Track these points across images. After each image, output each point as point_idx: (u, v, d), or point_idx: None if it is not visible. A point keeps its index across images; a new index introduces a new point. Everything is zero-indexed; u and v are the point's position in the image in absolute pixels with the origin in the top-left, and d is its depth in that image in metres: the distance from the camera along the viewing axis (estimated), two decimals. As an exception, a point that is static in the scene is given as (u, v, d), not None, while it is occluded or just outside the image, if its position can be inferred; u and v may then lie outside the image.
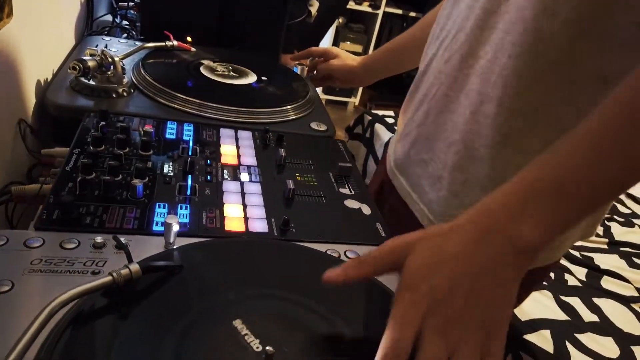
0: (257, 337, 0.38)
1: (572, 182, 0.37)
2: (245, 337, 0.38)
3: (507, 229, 0.37)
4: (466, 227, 0.39)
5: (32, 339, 0.33)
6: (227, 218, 0.55)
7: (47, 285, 0.41)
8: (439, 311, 0.35)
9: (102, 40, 0.95)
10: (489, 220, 0.38)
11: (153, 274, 0.43)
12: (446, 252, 0.37)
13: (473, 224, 0.39)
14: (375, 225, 0.60)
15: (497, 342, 0.36)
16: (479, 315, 0.36)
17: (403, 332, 0.35)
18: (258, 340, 0.38)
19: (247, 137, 0.73)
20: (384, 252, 0.39)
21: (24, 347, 0.32)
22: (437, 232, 0.39)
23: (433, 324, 0.35)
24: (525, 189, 0.39)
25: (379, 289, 0.48)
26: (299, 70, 1.02)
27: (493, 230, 0.38)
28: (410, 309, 0.35)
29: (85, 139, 0.62)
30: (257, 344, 0.38)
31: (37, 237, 0.46)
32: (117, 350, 0.36)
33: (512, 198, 0.39)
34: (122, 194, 0.54)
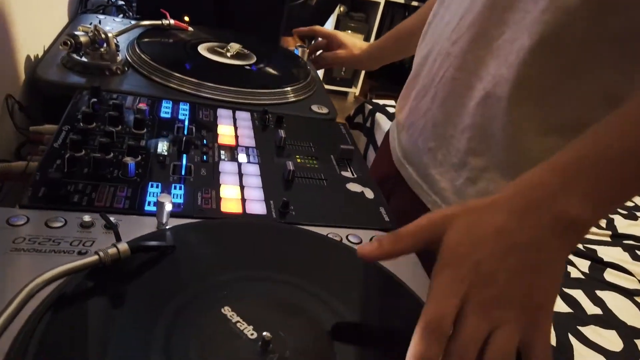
0: (251, 323, 0.36)
1: (622, 154, 0.35)
2: (239, 322, 0.36)
3: (554, 203, 0.35)
4: (509, 200, 0.36)
5: (8, 320, 0.30)
6: (224, 199, 0.52)
7: (31, 265, 0.39)
8: (482, 289, 0.33)
9: (97, 18, 0.92)
10: (535, 194, 0.36)
11: (143, 255, 0.40)
12: (488, 226, 0.35)
13: (517, 197, 0.36)
14: (378, 209, 0.57)
15: (543, 325, 0.33)
16: (524, 294, 0.33)
17: (445, 307, 0.32)
18: (252, 326, 0.35)
19: (245, 117, 0.70)
20: (421, 226, 0.37)
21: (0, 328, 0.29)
22: (478, 205, 0.36)
23: (475, 302, 0.32)
24: (572, 163, 0.36)
25: (380, 272, 0.45)
26: (299, 53, 0.99)
27: (539, 203, 0.35)
28: (452, 285, 0.33)
29: (76, 116, 0.59)
30: (251, 330, 0.35)
31: (21, 215, 0.43)
32: (101, 335, 0.33)
33: (558, 172, 0.36)
34: (113, 173, 0.51)
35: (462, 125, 0.58)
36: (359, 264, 0.46)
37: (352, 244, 0.50)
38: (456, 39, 0.58)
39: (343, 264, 0.46)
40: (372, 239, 0.51)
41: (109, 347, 0.32)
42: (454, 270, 0.33)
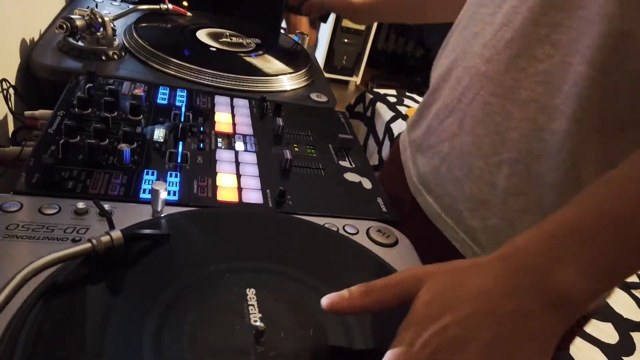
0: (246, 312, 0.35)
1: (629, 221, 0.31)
2: (234, 311, 0.35)
3: (543, 274, 0.31)
4: (493, 265, 0.33)
5: (0, 308, 0.30)
6: (220, 188, 0.51)
7: (23, 251, 0.38)
8: (448, 357, 0.29)
9: (94, 1, 0.90)
10: (523, 261, 0.32)
11: (138, 243, 0.40)
12: (466, 290, 0.31)
13: (502, 262, 0.33)
14: (376, 200, 0.56)
15: None
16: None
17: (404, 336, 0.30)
18: (249, 314, 0.35)
19: (243, 105, 0.70)
20: (396, 280, 0.34)
21: (-10, 317, 0.29)
22: (457, 266, 0.34)
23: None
24: (568, 228, 0.33)
25: (378, 264, 0.45)
26: (300, 40, 0.98)
27: (525, 273, 0.31)
28: (415, 346, 0.30)
29: (71, 101, 0.58)
30: (245, 319, 0.35)
31: (15, 201, 0.43)
32: (93, 323, 0.33)
33: (551, 239, 0.33)
34: (108, 159, 0.51)
35: (498, 159, 0.50)
36: (355, 254, 0.46)
37: (349, 235, 0.49)
38: (489, 56, 0.49)
39: (339, 255, 0.46)
40: (369, 229, 0.50)
41: (101, 336, 0.32)
42: (420, 329, 0.30)
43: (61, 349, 0.31)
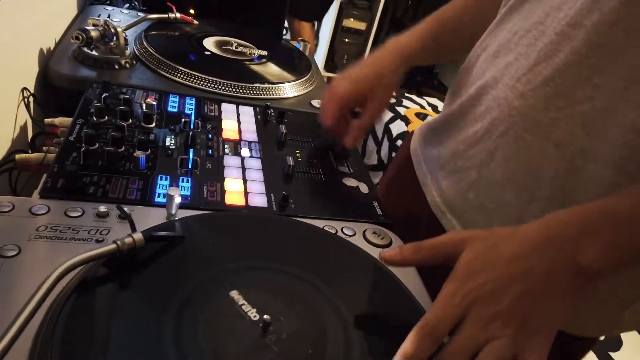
0: (254, 307, 0.40)
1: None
2: (242, 307, 0.40)
3: (573, 244, 0.37)
4: (531, 232, 0.38)
5: (39, 302, 0.34)
6: (228, 192, 0.56)
7: (53, 251, 0.43)
8: (485, 305, 0.36)
9: (105, 10, 0.95)
10: (557, 230, 0.38)
11: (155, 244, 0.44)
12: (505, 251, 0.37)
13: (539, 230, 0.38)
14: (372, 203, 0.61)
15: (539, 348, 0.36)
16: (525, 318, 0.36)
17: (444, 313, 0.36)
18: (255, 310, 0.39)
19: (248, 112, 0.74)
20: (443, 241, 0.40)
21: (32, 311, 0.33)
22: (500, 232, 0.39)
23: (475, 315, 0.36)
24: (605, 214, 0.38)
25: (371, 264, 0.49)
26: (301, 47, 1.02)
27: (558, 241, 0.37)
28: (456, 295, 0.36)
29: (88, 110, 0.63)
30: (254, 314, 0.39)
31: (43, 205, 0.47)
32: (119, 316, 0.37)
33: (588, 218, 0.38)
34: (125, 165, 0.55)
35: (530, 195, 0.49)
36: (352, 255, 0.50)
37: (346, 236, 0.53)
38: (524, 91, 0.47)
39: (337, 255, 0.50)
40: (365, 231, 0.55)
41: (126, 327, 0.36)
42: (462, 283, 0.36)
43: (91, 338, 0.35)
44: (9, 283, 0.39)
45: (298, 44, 1.03)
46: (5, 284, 0.39)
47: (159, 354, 0.35)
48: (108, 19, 0.79)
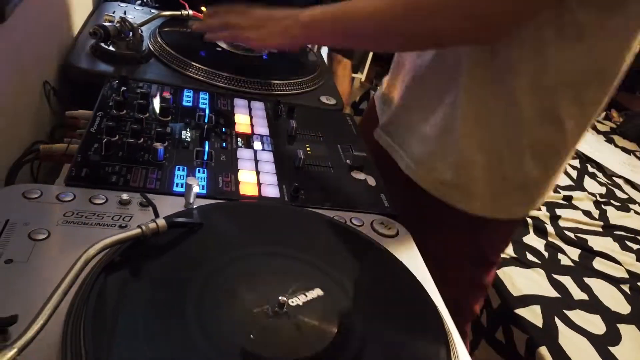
0: (268, 289, 0.42)
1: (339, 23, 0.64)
2: (259, 288, 0.42)
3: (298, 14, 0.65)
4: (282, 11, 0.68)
5: (73, 280, 0.37)
6: (242, 183, 0.58)
7: (80, 235, 0.45)
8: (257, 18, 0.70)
9: (119, 6, 0.97)
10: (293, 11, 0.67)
11: (175, 230, 0.47)
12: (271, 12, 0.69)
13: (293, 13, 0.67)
14: (379, 196, 0.63)
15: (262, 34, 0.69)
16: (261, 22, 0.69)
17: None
18: (270, 291, 0.42)
19: (259, 107, 0.76)
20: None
21: (66, 287, 0.36)
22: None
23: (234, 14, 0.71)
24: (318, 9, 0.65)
25: (379, 251, 0.52)
26: (310, 44, 1.04)
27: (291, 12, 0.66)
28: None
29: (107, 103, 0.65)
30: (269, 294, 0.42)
31: (69, 192, 0.50)
32: (144, 295, 0.40)
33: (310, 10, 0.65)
34: (144, 156, 0.58)
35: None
36: (360, 243, 0.53)
37: (355, 226, 0.56)
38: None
39: (346, 243, 0.52)
40: (372, 222, 0.57)
41: (151, 305, 0.39)
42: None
43: (119, 315, 0.38)
44: (40, 264, 0.42)
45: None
46: (37, 266, 0.41)
47: (181, 328, 0.37)
48: (124, 15, 0.81)
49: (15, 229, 0.44)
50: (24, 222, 0.45)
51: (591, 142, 2.14)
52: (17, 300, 0.38)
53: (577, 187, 1.79)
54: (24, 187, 0.49)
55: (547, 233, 1.49)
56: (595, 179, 1.89)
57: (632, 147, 2.24)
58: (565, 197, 1.69)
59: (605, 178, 1.92)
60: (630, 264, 1.43)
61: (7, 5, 0.52)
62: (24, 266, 0.41)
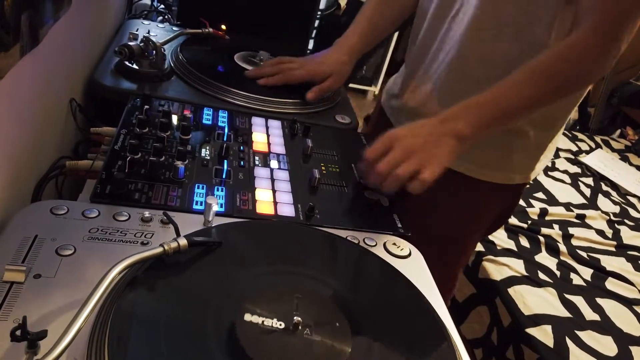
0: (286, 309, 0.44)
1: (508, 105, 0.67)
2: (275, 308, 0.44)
3: (454, 121, 0.67)
4: (430, 120, 0.68)
5: (102, 295, 0.38)
6: (258, 201, 0.60)
7: (105, 251, 0.47)
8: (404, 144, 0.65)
9: (142, 24, 1.00)
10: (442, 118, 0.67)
11: (194, 248, 0.48)
12: (416, 127, 0.68)
13: (435, 119, 0.68)
14: (392, 216, 0.64)
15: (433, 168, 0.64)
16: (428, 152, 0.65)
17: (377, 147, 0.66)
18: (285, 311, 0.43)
19: (276, 126, 0.78)
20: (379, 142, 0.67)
21: (95, 303, 0.38)
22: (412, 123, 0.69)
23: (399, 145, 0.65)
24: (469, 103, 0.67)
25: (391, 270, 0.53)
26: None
27: (444, 123, 0.67)
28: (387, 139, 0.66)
29: (131, 121, 0.68)
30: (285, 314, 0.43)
31: (94, 209, 0.52)
32: (166, 311, 0.41)
33: (460, 108, 0.67)
34: (165, 174, 0.60)
35: None
36: (374, 264, 0.54)
37: (368, 247, 0.57)
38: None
39: (360, 263, 0.54)
40: (385, 243, 0.59)
41: (172, 315, 0.40)
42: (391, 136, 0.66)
43: (142, 326, 0.39)
44: (67, 280, 0.44)
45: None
46: (63, 281, 0.43)
47: (202, 347, 0.39)
48: (148, 34, 0.84)
49: (44, 245, 0.46)
50: (52, 238, 0.47)
51: (605, 160, 2.13)
52: (46, 314, 0.40)
53: (591, 205, 1.78)
54: (52, 203, 0.52)
55: (559, 252, 1.48)
56: (609, 197, 1.87)
57: (647, 166, 2.23)
58: (578, 216, 1.68)
59: (619, 197, 1.91)
60: (643, 285, 1.42)
61: (42, 28, 0.54)
62: (52, 281, 0.43)
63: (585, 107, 2.90)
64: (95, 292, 0.38)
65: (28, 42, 0.52)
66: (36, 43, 0.53)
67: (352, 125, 0.87)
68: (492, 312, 1.29)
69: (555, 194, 1.77)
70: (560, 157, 2.07)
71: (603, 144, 2.30)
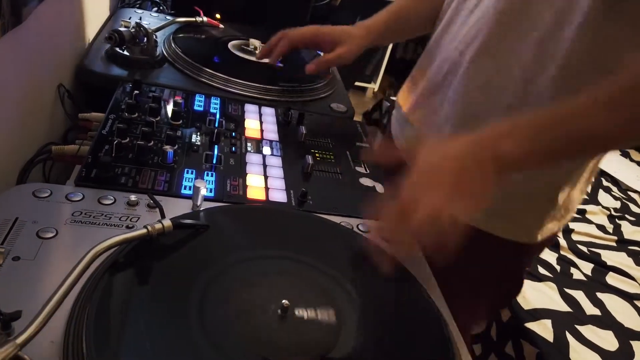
0: (273, 292, 0.42)
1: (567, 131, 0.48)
2: (261, 292, 0.42)
3: (495, 140, 0.48)
4: (464, 138, 0.49)
5: (77, 277, 0.37)
6: (249, 187, 0.58)
7: (88, 234, 0.46)
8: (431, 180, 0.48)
9: (135, 12, 0.99)
10: (482, 136, 0.49)
11: (181, 231, 0.47)
12: (447, 154, 0.49)
13: (471, 137, 0.49)
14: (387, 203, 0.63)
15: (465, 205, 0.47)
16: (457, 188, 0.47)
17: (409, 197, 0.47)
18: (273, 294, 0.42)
19: (270, 113, 0.77)
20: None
21: (70, 284, 0.36)
22: (440, 142, 0.51)
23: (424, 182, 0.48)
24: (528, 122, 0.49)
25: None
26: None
27: (483, 142, 0.49)
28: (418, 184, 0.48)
29: (120, 106, 0.66)
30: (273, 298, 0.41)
31: (78, 192, 0.50)
32: (148, 293, 0.40)
33: (505, 126, 0.49)
34: (154, 159, 0.58)
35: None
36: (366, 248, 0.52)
37: (361, 232, 0.56)
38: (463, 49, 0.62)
39: (353, 249, 0.52)
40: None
41: (154, 299, 0.39)
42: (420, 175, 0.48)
43: (123, 309, 0.38)
44: (47, 262, 0.42)
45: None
46: (44, 263, 0.42)
47: (183, 329, 0.37)
48: (139, 21, 0.82)
49: (24, 227, 0.45)
50: (33, 221, 0.46)
51: (606, 155, 2.11)
52: (23, 297, 0.38)
53: (592, 201, 1.76)
54: (35, 186, 0.50)
55: (559, 247, 1.46)
56: (609, 193, 1.86)
57: (648, 162, 2.21)
58: (579, 211, 1.66)
59: (620, 192, 1.89)
60: (644, 280, 1.40)
61: (25, 7, 0.53)
62: (31, 264, 0.41)
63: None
64: (72, 272, 0.36)
65: (10, 20, 0.50)
66: (19, 21, 0.51)
67: (348, 113, 0.85)
68: (492, 306, 1.27)
69: (556, 189, 1.76)
70: (561, 152, 2.06)
71: (604, 140, 2.28)
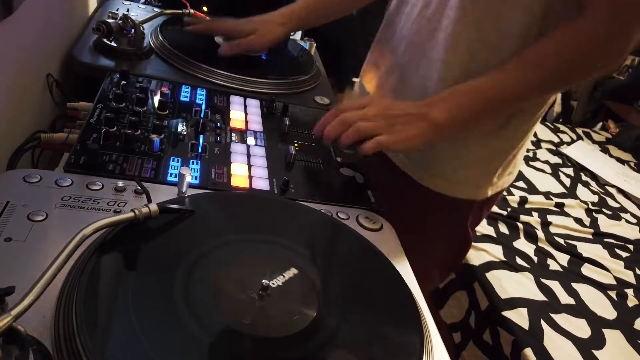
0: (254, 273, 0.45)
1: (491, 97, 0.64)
2: (244, 272, 0.45)
3: (429, 108, 0.64)
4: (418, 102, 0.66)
5: (66, 258, 0.39)
6: (234, 175, 0.61)
7: (77, 217, 0.48)
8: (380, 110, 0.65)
9: (123, 4, 1.00)
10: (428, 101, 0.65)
11: (167, 216, 0.49)
12: (398, 103, 0.67)
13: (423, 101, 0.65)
14: (366, 192, 0.66)
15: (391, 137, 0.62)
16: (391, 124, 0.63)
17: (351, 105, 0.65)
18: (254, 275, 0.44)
19: (255, 105, 0.79)
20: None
21: (59, 265, 0.38)
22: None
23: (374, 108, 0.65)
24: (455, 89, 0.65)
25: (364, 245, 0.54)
26: (307, 46, 1.07)
27: (425, 106, 0.65)
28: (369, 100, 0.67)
29: (107, 96, 0.68)
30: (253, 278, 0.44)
31: (67, 178, 0.52)
32: (134, 275, 0.42)
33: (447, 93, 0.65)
34: (141, 147, 0.60)
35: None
36: (343, 234, 0.55)
37: (341, 220, 0.58)
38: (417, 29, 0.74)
39: (330, 234, 0.55)
40: (358, 216, 0.60)
41: (141, 280, 0.41)
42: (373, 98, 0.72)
43: (111, 287, 0.40)
44: (37, 243, 0.44)
45: (304, 43, 1.08)
46: (34, 244, 0.44)
47: (168, 304, 0.40)
48: (127, 12, 0.84)
49: (15, 210, 0.47)
50: (24, 204, 0.47)
51: (586, 151, 2.16)
52: (15, 276, 0.40)
53: (570, 195, 1.81)
54: (25, 171, 0.52)
55: (537, 238, 1.51)
56: (588, 187, 1.91)
57: (626, 158, 2.26)
58: (557, 204, 1.71)
59: (598, 187, 1.94)
60: (618, 271, 1.45)
61: (15, -1, 0.54)
62: (22, 245, 0.43)
63: (568, 100, 2.94)
64: (63, 251, 0.39)
65: (1, 12, 0.52)
66: (9, 12, 0.53)
67: (332, 106, 0.87)
68: (471, 296, 1.31)
69: (536, 183, 1.80)
70: (542, 147, 2.10)
71: (584, 136, 2.34)
